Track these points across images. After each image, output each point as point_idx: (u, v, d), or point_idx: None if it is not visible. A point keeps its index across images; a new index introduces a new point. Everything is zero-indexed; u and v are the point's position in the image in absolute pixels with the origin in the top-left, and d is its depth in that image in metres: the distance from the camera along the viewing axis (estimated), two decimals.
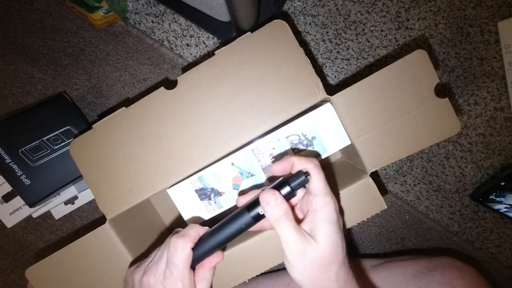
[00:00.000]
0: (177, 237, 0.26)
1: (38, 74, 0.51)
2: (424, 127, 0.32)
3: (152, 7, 0.50)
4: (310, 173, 0.25)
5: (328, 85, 0.52)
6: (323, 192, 0.25)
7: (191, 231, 0.27)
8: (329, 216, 0.25)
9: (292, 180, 0.26)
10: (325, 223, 0.24)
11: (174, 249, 0.26)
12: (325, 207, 0.25)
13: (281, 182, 0.26)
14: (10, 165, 0.42)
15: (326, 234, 0.24)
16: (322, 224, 0.24)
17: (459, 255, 0.56)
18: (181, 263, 0.25)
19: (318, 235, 0.24)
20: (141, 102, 0.33)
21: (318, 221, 0.24)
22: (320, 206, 0.25)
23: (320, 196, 0.25)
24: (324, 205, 0.25)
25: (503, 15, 0.48)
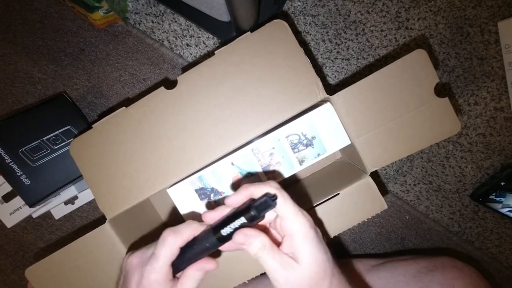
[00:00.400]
0: (170, 231, 0.26)
1: (38, 74, 0.51)
2: (424, 127, 0.32)
3: (152, 7, 0.50)
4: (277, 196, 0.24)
5: (328, 85, 0.52)
6: (293, 213, 0.24)
7: (186, 229, 0.26)
8: (305, 236, 0.24)
9: (257, 206, 0.24)
10: (304, 244, 0.24)
11: (162, 242, 0.26)
12: (300, 229, 0.24)
13: (246, 207, 0.25)
14: (10, 165, 0.42)
15: (308, 255, 0.24)
16: (301, 246, 0.24)
17: (459, 255, 0.56)
18: (163, 257, 0.25)
19: (300, 257, 0.24)
20: (141, 102, 0.33)
21: (297, 244, 0.24)
22: (294, 229, 0.24)
23: (291, 219, 0.24)
24: (298, 227, 0.24)
25: (503, 15, 0.48)
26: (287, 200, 0.25)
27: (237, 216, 0.25)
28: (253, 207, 0.24)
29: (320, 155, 0.34)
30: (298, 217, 0.24)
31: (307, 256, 0.24)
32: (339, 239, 0.57)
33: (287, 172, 0.34)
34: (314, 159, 0.34)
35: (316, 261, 0.24)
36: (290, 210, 0.24)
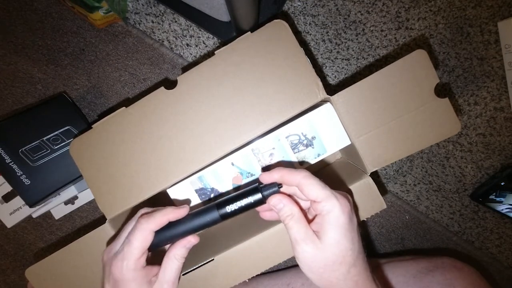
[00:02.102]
0: (143, 218, 0.26)
1: (38, 74, 0.51)
2: (424, 127, 0.32)
3: (152, 7, 0.50)
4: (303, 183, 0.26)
5: (328, 85, 0.52)
6: (324, 196, 0.25)
7: (159, 216, 0.27)
8: (335, 219, 0.25)
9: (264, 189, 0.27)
10: (331, 227, 0.24)
11: (135, 228, 0.26)
12: (331, 211, 0.25)
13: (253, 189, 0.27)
14: (10, 165, 0.42)
15: (331, 238, 0.24)
16: (327, 228, 0.25)
17: (459, 255, 0.56)
18: (135, 243, 0.25)
19: (324, 238, 0.25)
20: (141, 102, 0.33)
21: (324, 225, 0.25)
22: (325, 211, 0.25)
23: (323, 202, 0.25)
24: (329, 209, 0.25)
25: (503, 15, 0.48)
26: (318, 185, 0.25)
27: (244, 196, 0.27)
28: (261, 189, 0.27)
29: (320, 155, 0.34)
30: (331, 199, 0.25)
31: (331, 239, 0.24)
32: None
33: None
34: (314, 159, 0.34)
35: (338, 246, 0.24)
36: (321, 193, 0.25)
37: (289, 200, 0.26)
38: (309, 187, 0.25)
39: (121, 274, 0.25)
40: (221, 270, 0.33)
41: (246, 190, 0.27)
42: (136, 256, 0.25)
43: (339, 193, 0.26)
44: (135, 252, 0.25)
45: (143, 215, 0.27)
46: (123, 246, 0.26)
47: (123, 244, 0.26)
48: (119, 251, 0.26)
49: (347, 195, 0.27)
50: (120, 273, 0.25)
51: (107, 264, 0.27)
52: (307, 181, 0.25)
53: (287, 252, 0.33)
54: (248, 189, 0.27)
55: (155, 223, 0.26)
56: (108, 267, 0.26)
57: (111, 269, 0.26)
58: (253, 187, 0.27)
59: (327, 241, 0.24)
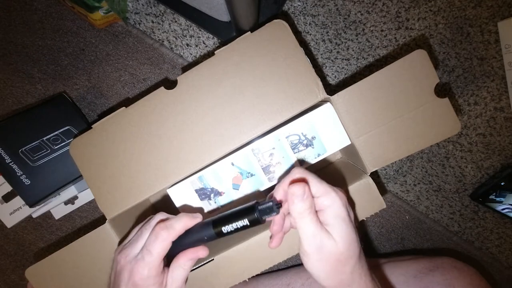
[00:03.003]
0: (162, 227, 0.27)
1: (38, 74, 0.51)
2: (424, 127, 0.32)
3: (152, 7, 0.50)
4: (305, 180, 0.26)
5: (328, 85, 0.52)
6: (324, 191, 0.25)
7: (177, 224, 0.27)
8: (337, 212, 0.25)
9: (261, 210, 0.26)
10: (336, 220, 0.25)
11: (154, 238, 0.26)
12: (332, 205, 0.25)
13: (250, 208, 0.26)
14: (10, 165, 0.42)
15: (341, 231, 0.25)
16: (334, 221, 0.25)
17: (459, 255, 0.56)
18: (156, 253, 0.26)
19: (333, 232, 0.25)
20: (141, 102, 0.33)
21: (329, 219, 0.25)
22: (326, 205, 0.25)
23: (323, 196, 0.25)
24: (330, 203, 0.25)
25: (503, 15, 0.48)
26: (316, 181, 0.26)
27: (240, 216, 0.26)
28: (258, 210, 0.25)
29: (320, 155, 0.34)
30: (331, 194, 0.25)
31: (341, 232, 0.25)
32: None
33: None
34: (314, 159, 0.34)
35: (347, 238, 0.25)
36: (319, 188, 0.25)
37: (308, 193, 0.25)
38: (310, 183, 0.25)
39: (142, 281, 0.26)
40: (221, 270, 0.33)
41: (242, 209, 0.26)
42: (157, 264, 0.26)
43: (336, 188, 0.26)
44: (156, 261, 0.26)
45: (161, 223, 0.27)
46: (143, 253, 0.26)
47: (142, 251, 0.27)
48: (140, 258, 0.26)
49: (342, 190, 0.27)
50: (141, 279, 0.26)
51: (126, 269, 0.27)
52: (308, 177, 0.26)
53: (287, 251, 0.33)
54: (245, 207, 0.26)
55: (174, 233, 0.27)
56: (128, 272, 0.26)
57: (132, 274, 0.26)
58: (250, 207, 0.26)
59: (336, 236, 0.24)
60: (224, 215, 0.27)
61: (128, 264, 0.27)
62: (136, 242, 0.28)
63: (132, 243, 0.28)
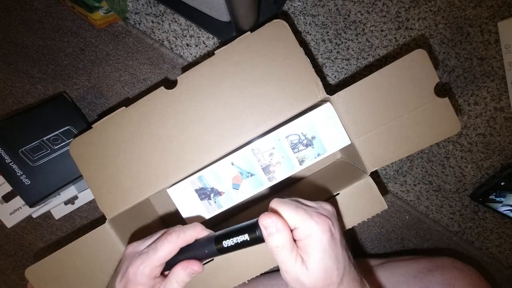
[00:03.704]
0: (175, 230, 0.27)
1: (38, 74, 0.51)
2: (424, 127, 0.32)
3: (152, 7, 0.50)
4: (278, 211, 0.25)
5: (328, 85, 0.52)
6: (300, 221, 0.24)
7: (190, 231, 0.27)
8: (316, 242, 0.24)
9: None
10: (314, 250, 0.24)
11: (165, 238, 0.27)
12: (310, 235, 0.24)
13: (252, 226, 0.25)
14: (10, 165, 0.42)
15: (316, 262, 0.24)
16: (311, 252, 0.24)
17: (459, 255, 0.56)
18: (161, 251, 0.26)
19: (308, 263, 0.24)
20: (141, 102, 0.33)
21: (308, 248, 0.24)
22: (304, 235, 0.24)
23: (300, 227, 0.24)
24: (308, 233, 0.24)
25: (503, 15, 0.48)
26: (291, 212, 0.24)
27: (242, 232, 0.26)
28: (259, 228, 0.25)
29: (320, 155, 0.34)
30: (307, 223, 0.24)
31: (316, 263, 0.24)
32: None
33: (287, 172, 0.34)
34: (314, 159, 0.34)
35: (324, 269, 0.24)
36: (295, 220, 0.24)
37: (283, 225, 0.24)
38: (283, 215, 0.24)
39: (134, 275, 0.26)
40: (221, 270, 0.33)
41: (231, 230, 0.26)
42: (155, 264, 0.26)
43: (315, 212, 0.25)
44: (156, 261, 0.26)
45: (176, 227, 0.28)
46: (148, 249, 0.27)
47: (149, 246, 0.27)
48: (145, 252, 0.27)
49: (326, 209, 0.26)
50: (134, 274, 0.26)
51: (127, 260, 0.27)
52: (280, 208, 0.25)
53: None
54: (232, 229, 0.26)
55: (184, 239, 0.27)
56: (126, 264, 0.27)
57: (128, 267, 0.27)
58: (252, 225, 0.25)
59: (311, 267, 0.24)
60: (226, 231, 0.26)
61: (132, 254, 0.27)
62: (148, 239, 0.28)
63: (145, 239, 0.29)
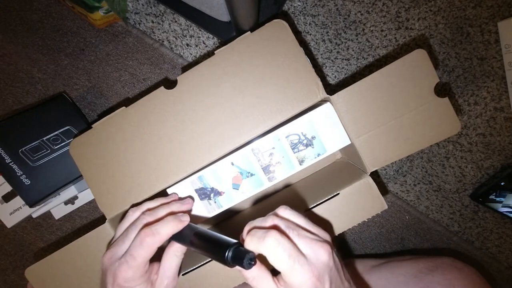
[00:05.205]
0: (148, 233, 0.26)
1: (38, 74, 0.51)
2: (424, 127, 0.32)
3: (152, 7, 0.50)
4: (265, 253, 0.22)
5: (328, 85, 0.52)
6: (288, 270, 0.22)
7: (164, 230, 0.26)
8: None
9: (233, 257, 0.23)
10: None
11: (139, 243, 0.25)
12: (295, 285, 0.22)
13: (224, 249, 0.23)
14: (10, 165, 0.42)
15: None
16: None
17: (459, 255, 0.56)
18: (140, 258, 0.25)
19: None
20: (141, 102, 0.33)
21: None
22: (292, 285, 0.22)
23: (287, 277, 0.22)
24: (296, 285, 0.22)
25: (503, 15, 0.48)
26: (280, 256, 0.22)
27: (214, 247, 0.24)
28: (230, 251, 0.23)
29: (320, 155, 0.34)
30: (295, 273, 0.22)
31: None
32: (339, 239, 0.57)
33: (287, 172, 0.34)
34: (314, 159, 0.34)
35: None
36: (284, 266, 0.22)
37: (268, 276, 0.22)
38: (271, 258, 0.22)
39: (127, 283, 0.26)
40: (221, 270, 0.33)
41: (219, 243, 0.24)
42: (140, 267, 0.26)
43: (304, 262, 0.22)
44: (140, 265, 0.26)
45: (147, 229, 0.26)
46: (126, 258, 0.26)
47: (126, 255, 0.26)
48: (123, 261, 0.26)
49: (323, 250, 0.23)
50: (126, 281, 0.26)
51: (110, 270, 0.26)
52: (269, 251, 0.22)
53: None
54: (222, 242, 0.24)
55: (160, 240, 0.26)
56: (112, 274, 0.26)
57: (115, 276, 0.26)
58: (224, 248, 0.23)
59: None
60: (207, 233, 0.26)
61: (112, 266, 0.26)
62: (122, 243, 0.27)
63: (118, 244, 0.27)
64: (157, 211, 0.29)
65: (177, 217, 0.28)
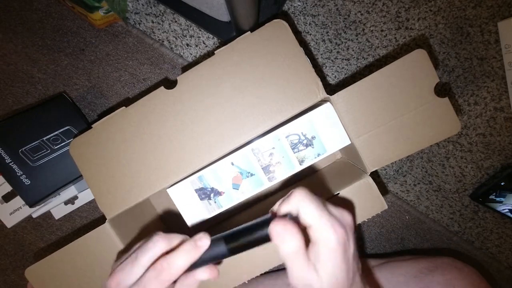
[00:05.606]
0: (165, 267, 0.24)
1: (38, 74, 0.51)
2: (424, 127, 0.32)
3: (152, 7, 0.50)
4: (300, 206, 0.23)
5: (328, 85, 0.52)
6: (319, 222, 0.23)
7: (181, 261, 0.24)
8: (330, 248, 0.22)
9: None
10: (325, 257, 0.23)
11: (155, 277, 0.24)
12: (325, 241, 0.23)
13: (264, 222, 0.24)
14: (10, 165, 0.42)
15: (327, 270, 0.23)
16: (323, 258, 0.23)
17: (459, 255, 0.56)
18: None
19: (320, 270, 0.23)
20: (141, 102, 0.33)
21: (320, 255, 0.23)
22: (319, 239, 0.23)
23: (318, 229, 0.23)
24: (324, 237, 0.23)
25: (503, 15, 0.48)
26: (314, 209, 0.23)
27: (253, 230, 0.24)
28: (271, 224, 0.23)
29: (320, 155, 0.34)
30: (325, 226, 0.23)
31: (327, 272, 0.23)
32: None
33: (287, 172, 0.34)
34: (314, 159, 0.34)
35: (335, 280, 0.23)
36: (315, 219, 0.23)
37: (295, 230, 0.22)
38: (305, 210, 0.23)
39: None
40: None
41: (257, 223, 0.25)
42: None
43: (335, 221, 0.23)
44: None
45: (163, 260, 0.24)
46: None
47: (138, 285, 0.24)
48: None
49: (346, 220, 0.24)
50: None
51: None
52: (304, 203, 0.23)
53: None
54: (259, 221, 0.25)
55: (177, 274, 0.24)
56: None
57: None
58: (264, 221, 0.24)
59: (322, 275, 0.23)
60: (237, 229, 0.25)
61: None
62: (131, 267, 0.25)
63: (126, 268, 0.25)
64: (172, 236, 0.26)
65: (194, 243, 0.25)
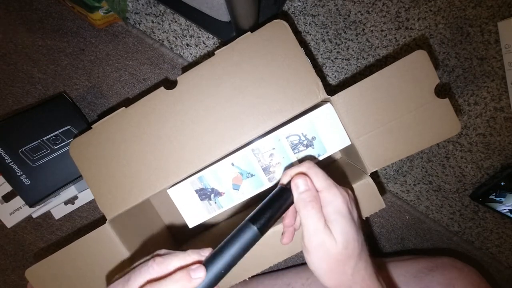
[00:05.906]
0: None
1: (38, 74, 0.51)
2: (424, 127, 0.32)
3: (152, 7, 0.50)
4: (309, 173, 0.26)
5: (328, 85, 0.52)
6: (326, 186, 0.26)
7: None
8: (338, 208, 0.25)
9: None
10: (337, 216, 0.25)
11: None
12: (333, 201, 0.25)
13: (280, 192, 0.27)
14: (10, 165, 0.42)
15: (340, 228, 0.25)
16: (334, 217, 0.25)
17: (459, 255, 0.56)
18: None
19: (333, 229, 0.25)
20: (141, 102, 0.33)
21: (330, 215, 0.25)
22: (328, 200, 0.25)
23: (325, 191, 0.26)
24: (331, 199, 0.25)
25: (503, 15, 0.48)
26: (320, 175, 0.26)
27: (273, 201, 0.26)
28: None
29: (320, 155, 0.34)
30: (333, 189, 0.26)
31: (340, 230, 0.24)
32: None
33: None
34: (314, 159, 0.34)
35: (346, 237, 0.24)
36: (322, 183, 0.26)
37: (312, 185, 0.26)
38: (313, 177, 0.26)
39: None
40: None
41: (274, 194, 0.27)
42: None
43: (340, 186, 0.26)
44: None
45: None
46: None
47: None
48: None
49: (347, 189, 0.27)
50: None
51: None
52: (312, 171, 0.26)
53: (287, 251, 0.33)
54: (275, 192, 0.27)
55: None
56: None
57: None
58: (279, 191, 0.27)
59: (336, 233, 0.24)
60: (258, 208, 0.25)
61: None
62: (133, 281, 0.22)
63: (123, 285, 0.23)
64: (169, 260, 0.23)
65: (188, 275, 0.22)
